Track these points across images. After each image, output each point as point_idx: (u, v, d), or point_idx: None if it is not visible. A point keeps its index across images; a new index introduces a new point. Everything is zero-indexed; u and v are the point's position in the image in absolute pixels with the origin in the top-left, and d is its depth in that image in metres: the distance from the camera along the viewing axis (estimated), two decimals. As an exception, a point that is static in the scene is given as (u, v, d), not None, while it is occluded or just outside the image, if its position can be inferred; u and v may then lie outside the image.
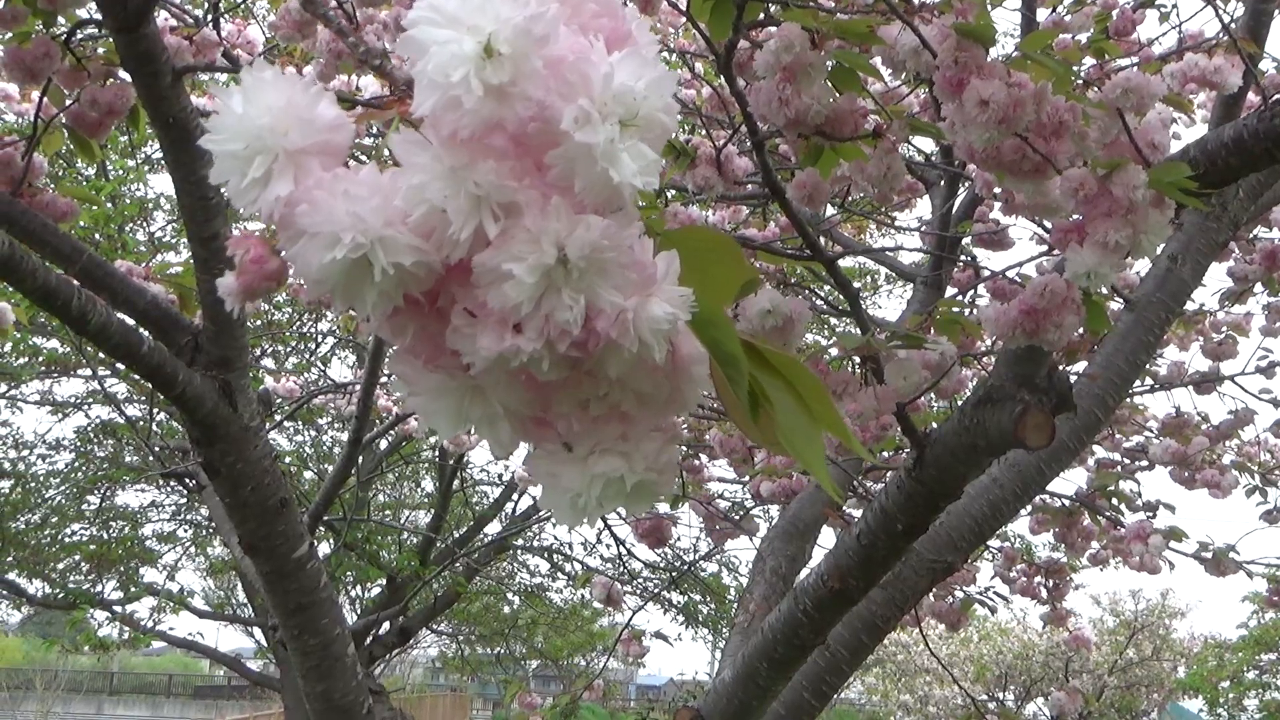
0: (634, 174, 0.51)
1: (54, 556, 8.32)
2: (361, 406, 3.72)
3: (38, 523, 8.30)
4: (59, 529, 8.44)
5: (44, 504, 8.31)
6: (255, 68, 0.54)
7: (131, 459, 8.33)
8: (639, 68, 0.52)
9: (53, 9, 2.36)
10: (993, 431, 2.09)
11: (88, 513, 8.54)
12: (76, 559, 8.28)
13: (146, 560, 8.52)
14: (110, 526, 8.57)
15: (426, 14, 0.51)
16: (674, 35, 5.37)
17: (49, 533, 8.37)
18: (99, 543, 8.23)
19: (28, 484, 8.17)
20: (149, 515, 8.82)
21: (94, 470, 8.46)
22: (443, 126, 0.51)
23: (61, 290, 2.21)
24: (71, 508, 8.43)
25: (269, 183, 0.52)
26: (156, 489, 8.34)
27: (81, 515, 8.55)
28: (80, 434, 8.24)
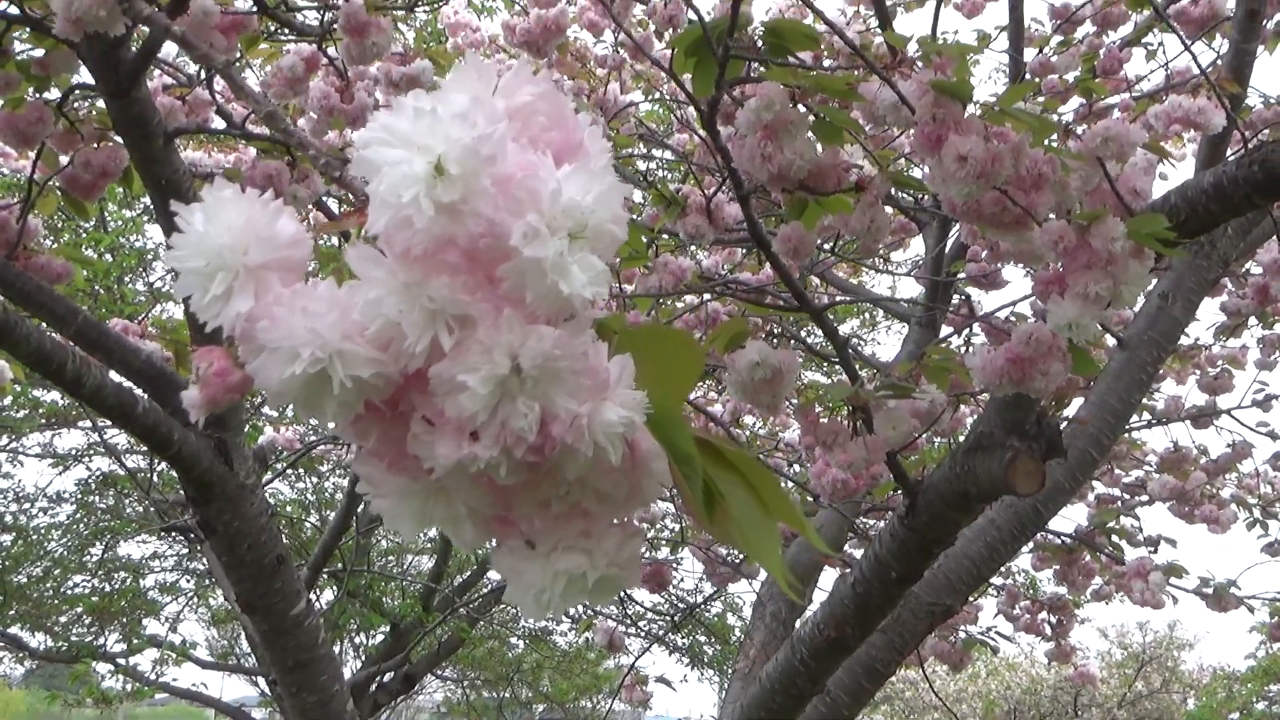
0: (583, 285, 0.52)
1: (56, 609, 8.31)
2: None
3: (40, 575, 8.29)
4: (61, 581, 8.43)
5: (45, 556, 8.30)
6: (216, 186, 0.55)
7: (133, 509, 8.32)
8: (587, 181, 0.53)
9: (46, 75, 2.38)
10: (983, 479, 2.11)
11: (89, 565, 8.52)
12: (79, 611, 8.26)
13: (149, 611, 8.50)
14: (112, 578, 8.55)
15: (379, 134, 0.52)
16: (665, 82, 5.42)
17: (51, 585, 8.36)
18: (101, 595, 8.21)
19: (29, 537, 8.17)
20: (151, 566, 8.81)
21: (95, 522, 8.45)
22: (396, 244, 0.52)
23: (56, 354, 2.23)
24: (73, 560, 8.42)
25: (230, 299, 0.54)
26: (158, 539, 8.33)
27: (83, 567, 8.53)
28: (81, 486, 8.24)
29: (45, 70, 2.36)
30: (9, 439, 8.02)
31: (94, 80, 2.36)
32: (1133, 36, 4.16)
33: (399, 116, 0.52)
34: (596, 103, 4.31)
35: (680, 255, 3.46)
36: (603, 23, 4.50)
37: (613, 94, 4.33)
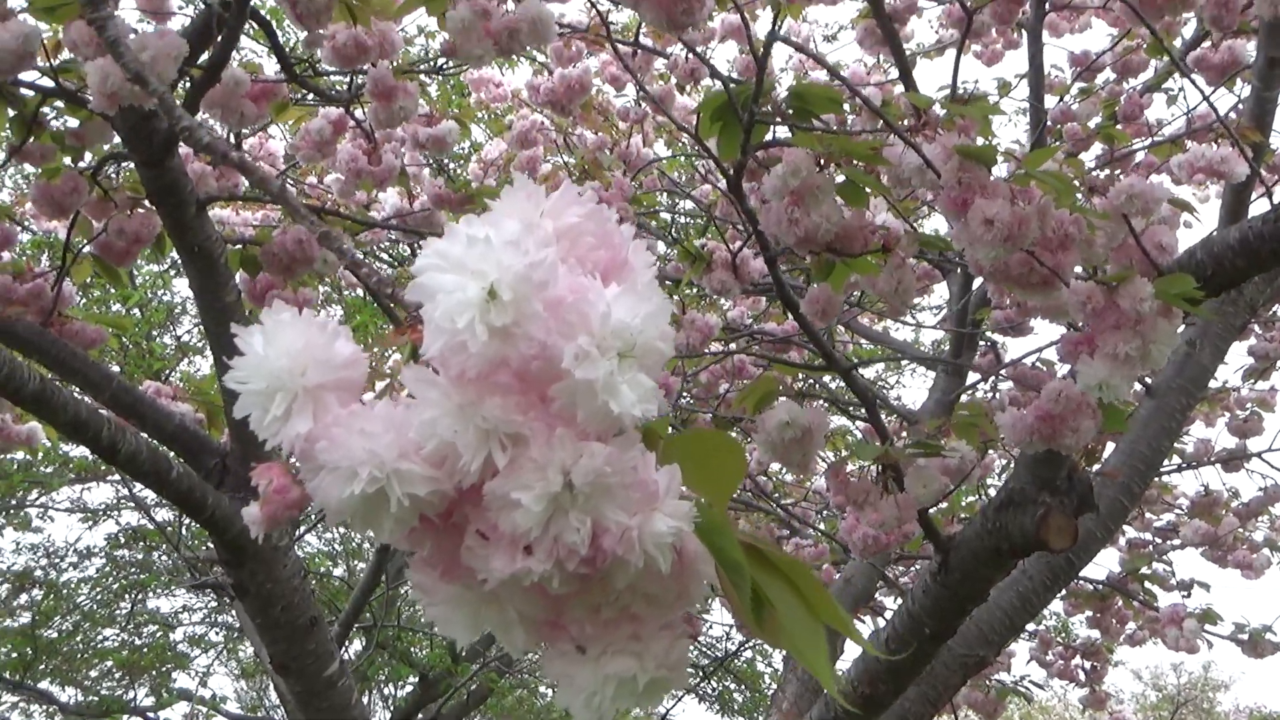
0: (633, 404, 0.54)
1: (86, 663, 8.32)
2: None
3: (69, 629, 8.31)
4: (90, 635, 8.45)
5: (75, 610, 8.32)
6: (275, 309, 0.57)
7: (161, 563, 8.35)
8: (635, 302, 0.54)
9: (81, 145, 2.42)
10: (1015, 535, 2.11)
11: (119, 618, 8.54)
12: (109, 665, 8.28)
13: (179, 665, 8.50)
14: (142, 632, 8.57)
15: (433, 260, 0.54)
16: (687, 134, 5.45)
17: (80, 639, 8.37)
18: (131, 649, 8.23)
19: (59, 592, 8.19)
20: (180, 619, 8.82)
21: (124, 575, 8.48)
22: (451, 367, 0.54)
23: (92, 422, 2.25)
24: (102, 614, 8.43)
25: (289, 419, 0.55)
26: (187, 592, 8.35)
27: (113, 620, 8.55)
28: (110, 541, 8.27)
29: (80, 141, 2.41)
30: (38, 493, 8.06)
31: (128, 150, 2.40)
32: (1153, 82, 4.18)
33: (452, 242, 0.54)
34: (620, 156, 4.35)
35: (706, 310, 3.47)
36: (624, 77, 4.55)
37: (635, 147, 4.37)
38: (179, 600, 8.70)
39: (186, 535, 6.97)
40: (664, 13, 1.79)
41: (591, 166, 3.95)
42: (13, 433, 3.19)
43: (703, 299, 4.34)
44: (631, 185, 3.06)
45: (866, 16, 3.82)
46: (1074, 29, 4.54)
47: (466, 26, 1.91)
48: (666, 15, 1.79)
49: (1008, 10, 3.59)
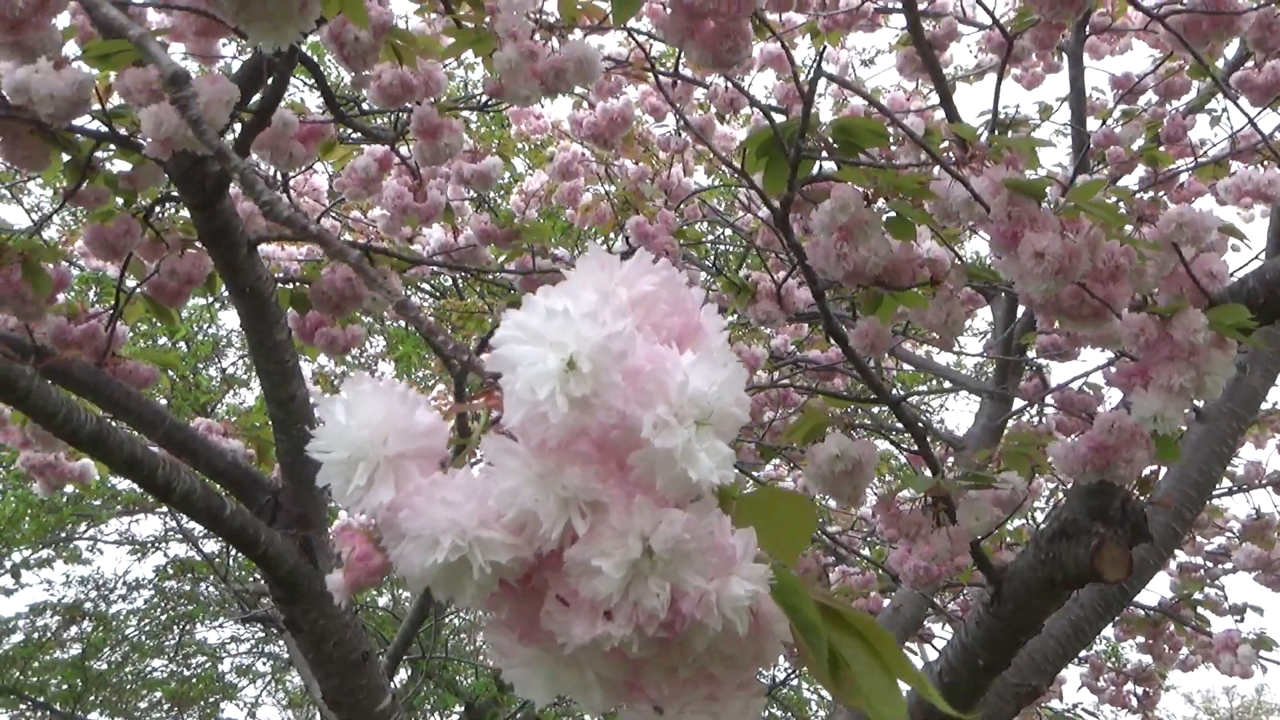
0: (711, 471, 0.54)
1: (135, 694, 8.39)
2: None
3: (119, 661, 8.38)
4: (139, 666, 8.52)
5: (124, 642, 8.40)
6: (355, 380, 0.58)
7: (208, 593, 8.41)
8: (711, 370, 0.55)
9: (133, 188, 2.46)
10: (1069, 565, 2.09)
11: (167, 649, 8.61)
12: (158, 697, 8.34)
13: (227, 696, 8.56)
14: (189, 663, 8.64)
15: (513, 332, 0.55)
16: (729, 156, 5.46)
17: (130, 670, 8.44)
18: (179, 680, 8.29)
19: (109, 624, 8.27)
20: (228, 650, 8.89)
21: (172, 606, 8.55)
22: (532, 437, 0.54)
23: (147, 461, 2.28)
24: (151, 645, 8.51)
25: (372, 488, 0.56)
26: (235, 624, 8.41)
27: (161, 651, 8.62)
28: (159, 572, 8.35)
29: (133, 184, 2.44)
30: (86, 526, 8.15)
31: (179, 193, 2.43)
32: (1196, 103, 4.15)
33: (531, 314, 0.55)
34: (661, 185, 4.36)
35: (751, 339, 3.48)
36: (664, 107, 4.56)
37: (676, 177, 4.38)
38: (227, 631, 8.76)
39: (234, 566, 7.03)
40: (709, 51, 1.80)
41: (633, 197, 3.96)
42: (65, 469, 3.23)
43: (744, 328, 4.35)
44: (675, 218, 3.07)
45: (906, 43, 3.83)
46: (1114, 51, 4.52)
47: (513, 67, 1.93)
48: (712, 54, 1.80)
49: (1048, 35, 3.59)
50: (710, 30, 1.79)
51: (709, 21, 1.79)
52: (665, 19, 1.83)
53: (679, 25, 1.81)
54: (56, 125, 2.24)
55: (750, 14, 1.77)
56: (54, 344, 2.52)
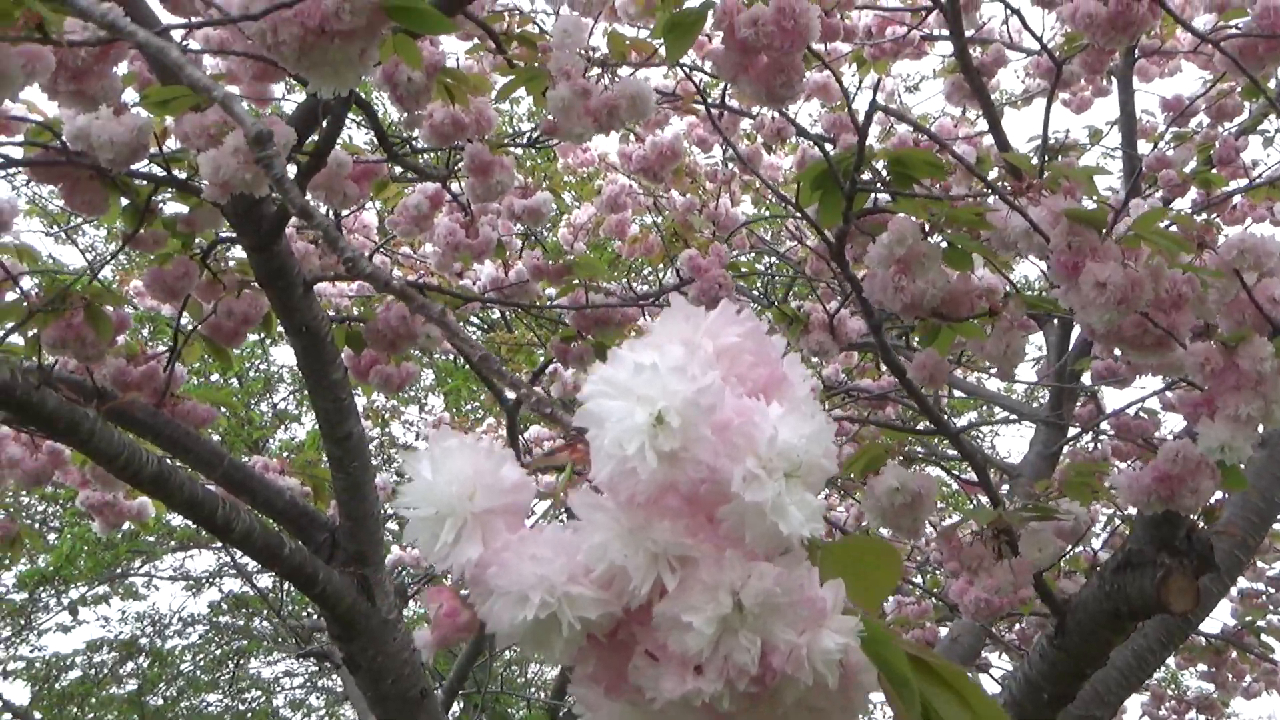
0: (801, 524, 0.54)
1: (190, 729, 8.45)
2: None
3: (174, 696, 8.44)
4: (194, 701, 8.57)
5: (179, 677, 8.45)
6: (441, 435, 0.58)
7: (262, 626, 8.46)
8: (799, 422, 0.55)
9: (191, 231, 2.48)
10: (1135, 597, 2.07)
11: (221, 683, 8.66)
12: (213, 731, 8.40)
13: (281, 730, 8.61)
14: (243, 697, 8.68)
15: (600, 387, 0.55)
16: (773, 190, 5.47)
17: (185, 705, 8.50)
18: (234, 714, 8.33)
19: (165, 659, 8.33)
20: (281, 684, 8.93)
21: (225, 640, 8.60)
22: (621, 491, 0.54)
23: (207, 502, 2.29)
24: (206, 680, 8.56)
25: (459, 545, 0.56)
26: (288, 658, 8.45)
27: (215, 686, 8.67)
28: (213, 608, 8.41)
29: (191, 227, 2.47)
30: (141, 562, 8.22)
31: (236, 235, 2.46)
32: (1249, 124, 4.12)
33: (617, 368, 0.55)
34: (709, 216, 4.37)
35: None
36: (711, 138, 4.58)
37: (724, 208, 4.39)
38: (280, 666, 8.80)
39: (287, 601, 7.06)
40: (763, 87, 1.80)
41: (682, 229, 3.96)
42: (123, 508, 3.27)
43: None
44: (727, 251, 3.07)
45: (954, 71, 3.82)
46: (1163, 73, 4.49)
47: (567, 106, 1.94)
48: (766, 89, 1.80)
49: (1098, 60, 3.57)
50: (763, 65, 1.80)
51: (762, 57, 1.79)
52: (718, 55, 1.83)
53: (732, 61, 1.81)
54: (116, 170, 2.28)
55: (804, 49, 1.77)
56: (114, 385, 2.55)
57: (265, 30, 1.40)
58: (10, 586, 7.62)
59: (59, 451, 2.82)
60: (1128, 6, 2.17)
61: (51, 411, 2.03)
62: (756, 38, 1.74)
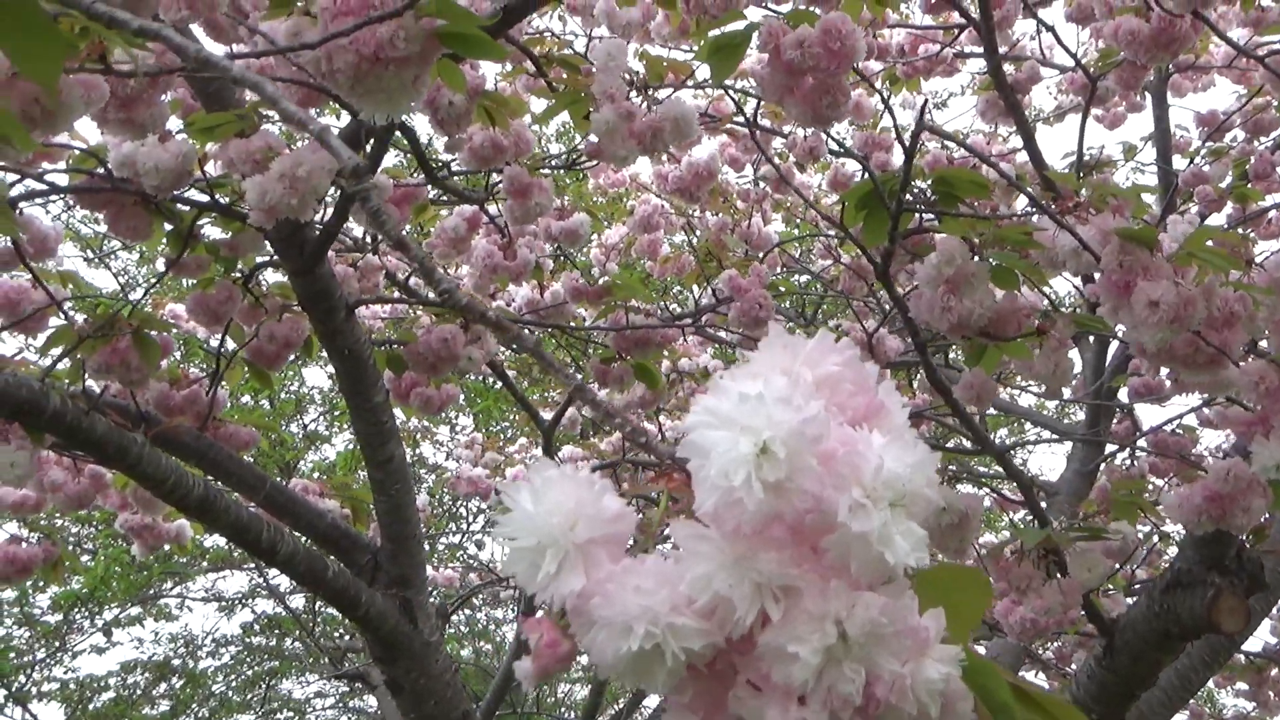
0: (907, 554, 0.54)
1: (221, 750, 8.47)
2: (528, 602, 3.77)
3: (206, 716, 8.46)
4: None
5: (212, 698, 8.48)
6: (540, 466, 0.58)
7: (293, 648, 8.47)
8: (902, 452, 0.55)
9: (234, 255, 2.50)
10: (1185, 617, 2.05)
11: (253, 704, 8.68)
12: (244, 753, 8.42)
13: (314, 752, 8.62)
14: (275, 718, 8.70)
15: (703, 418, 0.55)
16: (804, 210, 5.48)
17: (218, 726, 8.53)
18: (266, 734, 8.36)
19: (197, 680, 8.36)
20: (313, 705, 8.94)
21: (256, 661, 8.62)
22: (726, 522, 0.54)
23: (253, 526, 2.30)
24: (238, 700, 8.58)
25: (561, 575, 0.56)
26: (321, 679, 8.47)
27: (248, 706, 8.69)
28: (245, 628, 8.43)
29: (234, 252, 2.48)
30: (172, 583, 8.25)
31: (279, 259, 2.47)
32: (1284, 138, 4.10)
33: (720, 399, 0.55)
34: (741, 236, 4.37)
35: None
36: (744, 158, 4.58)
37: (756, 227, 4.39)
38: (312, 687, 8.82)
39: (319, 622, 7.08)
40: (809, 108, 1.81)
41: (715, 248, 3.97)
42: (163, 531, 3.28)
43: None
44: (768, 271, 3.07)
45: (988, 88, 3.81)
46: (1196, 88, 4.48)
47: (611, 129, 1.95)
48: (812, 110, 1.81)
49: (1133, 76, 3.55)
50: (809, 87, 1.80)
51: (808, 78, 1.80)
52: (763, 77, 1.83)
53: (777, 83, 1.81)
54: (161, 196, 2.30)
55: (849, 70, 1.77)
56: (157, 409, 2.57)
57: (320, 58, 1.41)
58: (45, 608, 7.66)
59: (100, 475, 2.83)
60: (1170, 24, 2.17)
61: (101, 437, 2.04)
62: (802, 59, 1.74)
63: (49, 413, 1.97)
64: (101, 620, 7.85)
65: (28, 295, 2.52)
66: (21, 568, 2.94)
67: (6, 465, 1.96)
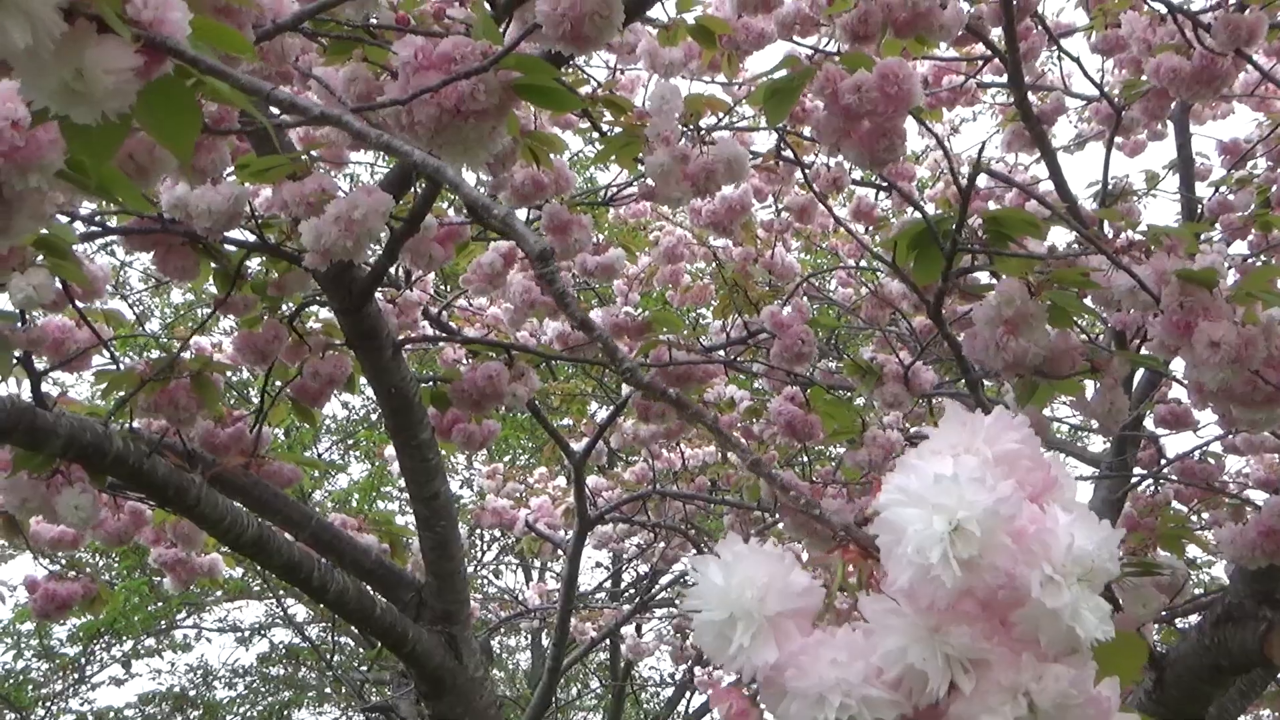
0: (1095, 628, 0.56)
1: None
2: (559, 634, 3.78)
3: (222, 748, 8.46)
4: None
5: (228, 730, 8.48)
6: (730, 541, 0.60)
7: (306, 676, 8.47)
8: (1089, 529, 0.57)
9: (280, 295, 2.52)
10: (1236, 650, 2.06)
11: (270, 734, 8.68)
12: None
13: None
14: (291, 750, 8.70)
15: (895, 496, 0.57)
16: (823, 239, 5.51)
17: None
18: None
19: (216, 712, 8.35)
20: (331, 737, 8.93)
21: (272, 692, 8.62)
22: (920, 598, 0.56)
23: (304, 564, 2.32)
24: (254, 731, 8.58)
25: (754, 648, 0.58)
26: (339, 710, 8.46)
27: (263, 738, 8.69)
28: (261, 659, 8.43)
29: (280, 291, 2.50)
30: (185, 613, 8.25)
31: (328, 298, 2.49)
32: (1308, 166, 4.12)
33: (911, 478, 0.57)
34: (765, 266, 4.40)
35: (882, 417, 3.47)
36: (767, 189, 4.61)
37: (780, 257, 4.42)
38: (327, 717, 8.80)
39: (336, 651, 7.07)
40: (866, 151, 1.83)
41: (741, 279, 4.00)
42: (195, 565, 3.29)
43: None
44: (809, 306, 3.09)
45: (1014, 119, 3.84)
46: (1215, 115, 4.51)
47: (666, 171, 1.97)
48: (869, 153, 1.83)
49: (1158, 105, 3.58)
50: (866, 130, 1.82)
51: (864, 122, 1.82)
52: (819, 121, 1.86)
53: (834, 126, 1.84)
54: (213, 238, 2.32)
55: (906, 113, 1.80)
56: (203, 447, 2.58)
57: (400, 111, 1.44)
58: (63, 640, 7.67)
59: (140, 511, 2.85)
60: (1213, 61, 2.20)
61: (162, 479, 2.07)
62: (860, 103, 1.77)
63: (112, 455, 1.99)
64: (120, 652, 7.86)
65: (72, 334, 2.54)
66: (61, 604, 2.96)
67: (71, 508, 1.98)
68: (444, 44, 1.43)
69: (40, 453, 1.94)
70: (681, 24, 2.59)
